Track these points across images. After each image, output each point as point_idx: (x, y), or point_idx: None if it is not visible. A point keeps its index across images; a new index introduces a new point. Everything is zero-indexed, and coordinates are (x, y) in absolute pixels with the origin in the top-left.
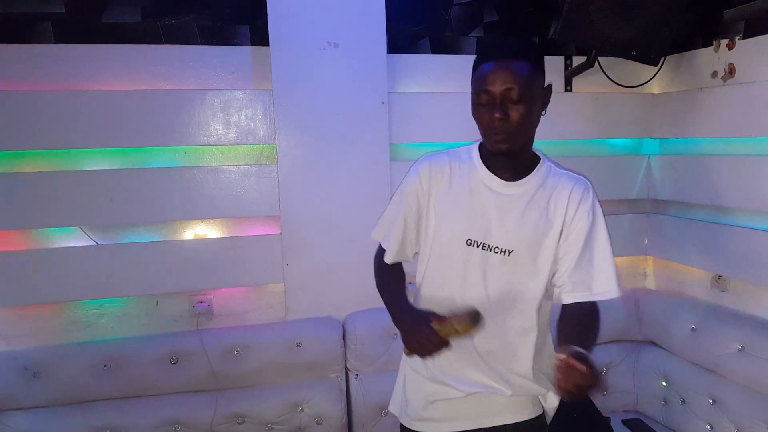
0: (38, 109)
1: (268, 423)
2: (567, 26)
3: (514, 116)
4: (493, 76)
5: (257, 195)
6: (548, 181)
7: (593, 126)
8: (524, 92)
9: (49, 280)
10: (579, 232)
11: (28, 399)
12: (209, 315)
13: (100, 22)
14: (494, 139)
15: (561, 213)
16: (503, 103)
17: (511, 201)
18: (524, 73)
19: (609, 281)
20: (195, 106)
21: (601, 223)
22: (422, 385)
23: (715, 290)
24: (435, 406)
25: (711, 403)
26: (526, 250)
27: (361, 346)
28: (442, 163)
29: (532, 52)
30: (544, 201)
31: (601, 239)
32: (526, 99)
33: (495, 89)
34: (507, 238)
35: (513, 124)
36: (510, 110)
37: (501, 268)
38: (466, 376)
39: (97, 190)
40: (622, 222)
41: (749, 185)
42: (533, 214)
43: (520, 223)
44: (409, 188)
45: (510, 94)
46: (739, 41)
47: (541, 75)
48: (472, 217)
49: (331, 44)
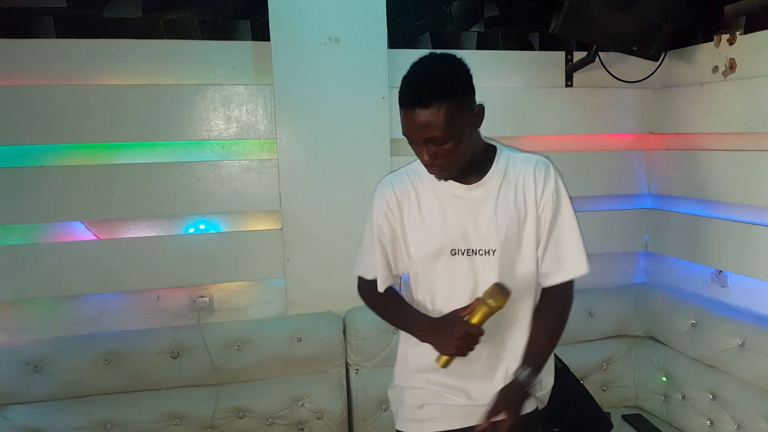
0: (39, 104)
1: (268, 417)
2: (568, 21)
3: (442, 155)
4: (411, 124)
5: (258, 190)
6: (509, 170)
7: (594, 121)
8: (446, 135)
9: (50, 275)
10: (546, 212)
11: (29, 393)
12: (210, 309)
13: (102, 17)
14: (431, 172)
15: (531, 197)
16: (428, 146)
17: (479, 202)
18: (442, 118)
19: (578, 259)
20: (196, 101)
21: (566, 200)
22: (419, 392)
23: (715, 285)
24: (432, 407)
25: (711, 398)
26: (508, 245)
27: (361, 341)
28: (404, 184)
29: (448, 89)
30: (511, 191)
31: (566, 217)
32: (450, 139)
33: (416, 136)
34: (486, 239)
35: (444, 163)
36: (437, 151)
37: (490, 269)
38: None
39: (98, 184)
40: (622, 217)
41: (750, 180)
42: (505, 208)
43: (495, 221)
44: (378, 216)
45: (433, 140)
46: (739, 36)
47: (463, 104)
48: (448, 227)
49: (332, 39)
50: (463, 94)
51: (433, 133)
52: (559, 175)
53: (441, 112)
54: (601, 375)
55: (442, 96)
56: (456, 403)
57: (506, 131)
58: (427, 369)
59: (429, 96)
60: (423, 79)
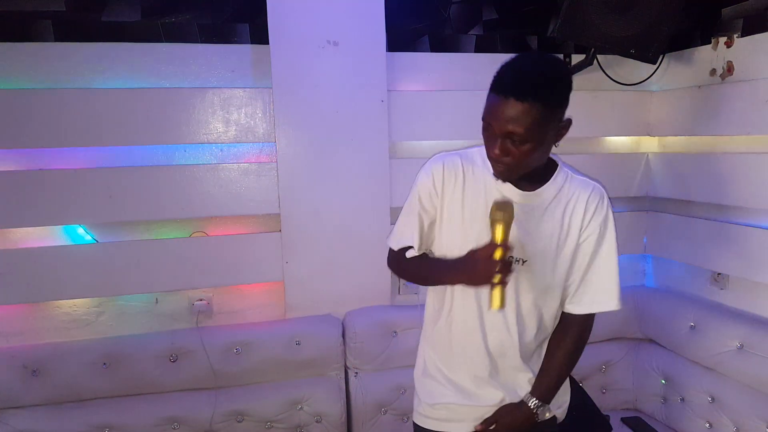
0: (38, 108)
1: (267, 421)
2: (566, 24)
3: (514, 154)
4: (496, 113)
5: (257, 193)
6: (564, 188)
7: (592, 124)
8: (528, 136)
9: (49, 278)
10: (590, 242)
11: (28, 397)
12: (209, 313)
13: (101, 21)
14: (494, 167)
15: (577, 222)
16: (504, 141)
17: (526, 210)
18: (530, 118)
19: (611, 294)
20: (195, 104)
21: (611, 234)
22: (436, 388)
23: (714, 288)
24: (445, 407)
25: (710, 400)
26: (541, 261)
27: (360, 344)
28: (455, 165)
29: (550, 90)
30: (560, 210)
31: (610, 251)
32: (530, 141)
33: (497, 127)
34: (522, 248)
35: (512, 162)
36: (511, 149)
37: (516, 277)
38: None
39: (97, 188)
40: (621, 220)
41: (748, 183)
42: (549, 224)
43: (536, 234)
44: (422, 190)
45: (512, 136)
46: (737, 39)
47: (557, 113)
48: (486, 225)
49: (330, 42)
50: (560, 102)
51: (517, 129)
52: (611, 205)
53: (533, 112)
54: (600, 377)
55: (540, 96)
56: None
57: None
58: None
59: (528, 91)
60: (528, 72)
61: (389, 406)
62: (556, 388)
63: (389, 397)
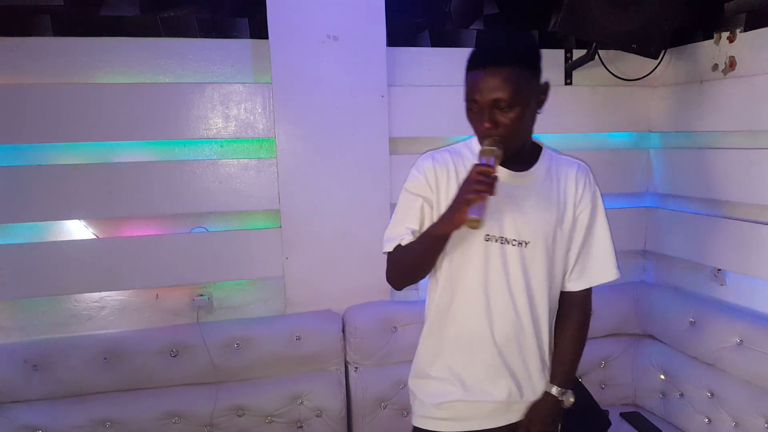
0: (36, 103)
1: (267, 415)
2: (567, 19)
3: (504, 123)
4: (480, 86)
5: (257, 188)
6: (552, 167)
7: (593, 119)
8: (513, 99)
9: (50, 273)
10: (584, 215)
11: (29, 392)
12: (209, 308)
13: (99, 15)
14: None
15: (571, 197)
16: (492, 111)
17: (522, 191)
18: (513, 81)
19: (609, 265)
20: (194, 100)
21: (601, 207)
22: (440, 386)
23: (713, 284)
24: (451, 405)
25: (709, 396)
26: (542, 241)
27: (360, 339)
28: (445, 161)
29: (524, 54)
30: (554, 187)
31: (603, 222)
32: (515, 105)
33: (483, 99)
34: (522, 230)
35: (503, 131)
36: (499, 118)
37: (519, 260)
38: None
39: (97, 183)
40: (621, 215)
41: (749, 179)
42: (545, 203)
43: (534, 214)
44: (415, 184)
45: (498, 104)
46: (740, 34)
47: (534, 76)
48: (493, 213)
49: (330, 37)
50: (535, 66)
51: (502, 95)
52: (596, 182)
53: (514, 75)
54: (600, 373)
55: (519, 60)
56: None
57: None
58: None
59: (506, 57)
60: (501, 41)
61: (389, 400)
62: (573, 370)
63: (389, 392)
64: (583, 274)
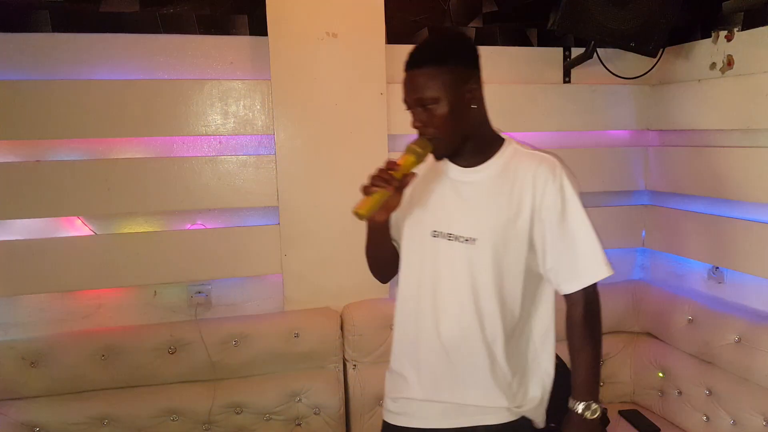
0: (35, 99)
1: (266, 413)
2: (565, 17)
3: (433, 122)
4: (406, 87)
5: (255, 185)
6: (511, 164)
7: (591, 117)
8: (435, 97)
9: (48, 270)
10: (552, 218)
11: (26, 388)
12: (207, 305)
13: (98, 11)
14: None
15: (528, 199)
16: (418, 110)
17: (470, 188)
18: (433, 79)
19: (597, 261)
20: (193, 96)
21: (573, 202)
22: (397, 381)
23: (711, 282)
24: (404, 401)
25: (707, 394)
26: (491, 238)
27: (359, 337)
28: None
29: (441, 53)
30: (508, 185)
31: (576, 219)
32: (436, 101)
33: (409, 99)
34: (470, 227)
35: (432, 129)
36: (426, 116)
37: (466, 258)
38: (435, 387)
39: (96, 179)
40: (620, 213)
41: (747, 177)
42: (497, 199)
43: (483, 211)
44: None
45: (422, 102)
46: (737, 33)
47: (457, 73)
48: (434, 207)
49: (329, 34)
50: (457, 62)
51: (423, 94)
52: (567, 176)
53: (431, 74)
54: None
55: (435, 59)
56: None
57: (503, 127)
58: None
59: (423, 58)
60: (420, 44)
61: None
62: (589, 381)
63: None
64: (571, 276)
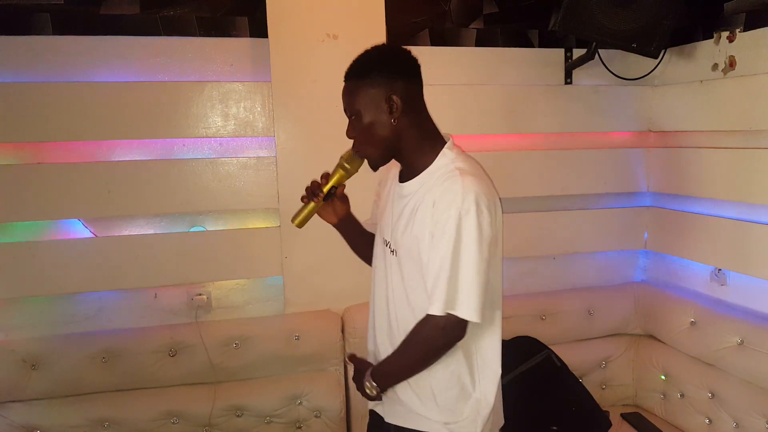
0: (36, 101)
1: (266, 416)
2: (567, 18)
3: (356, 132)
4: (342, 99)
5: (256, 187)
6: (429, 182)
7: (593, 118)
8: (354, 110)
9: (48, 272)
10: (442, 240)
11: (27, 391)
12: (208, 307)
13: (99, 14)
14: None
15: (428, 218)
16: (350, 121)
17: (401, 201)
18: (350, 93)
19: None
20: (193, 98)
21: (468, 237)
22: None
23: (714, 284)
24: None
25: (710, 396)
26: (407, 253)
27: (360, 339)
28: (387, 167)
29: (363, 67)
30: (416, 205)
31: (466, 255)
32: (354, 113)
33: (344, 111)
34: (395, 239)
35: (359, 141)
36: (349, 128)
37: (394, 268)
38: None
39: (96, 182)
40: (621, 215)
41: (749, 178)
42: (413, 216)
43: (403, 225)
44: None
45: (347, 114)
46: (739, 34)
47: (374, 87)
48: (385, 216)
49: (330, 36)
50: (378, 75)
51: (347, 107)
52: (476, 210)
53: (352, 86)
54: (600, 373)
55: (356, 73)
56: None
57: (505, 129)
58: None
59: (349, 72)
60: (355, 60)
61: None
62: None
63: None
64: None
